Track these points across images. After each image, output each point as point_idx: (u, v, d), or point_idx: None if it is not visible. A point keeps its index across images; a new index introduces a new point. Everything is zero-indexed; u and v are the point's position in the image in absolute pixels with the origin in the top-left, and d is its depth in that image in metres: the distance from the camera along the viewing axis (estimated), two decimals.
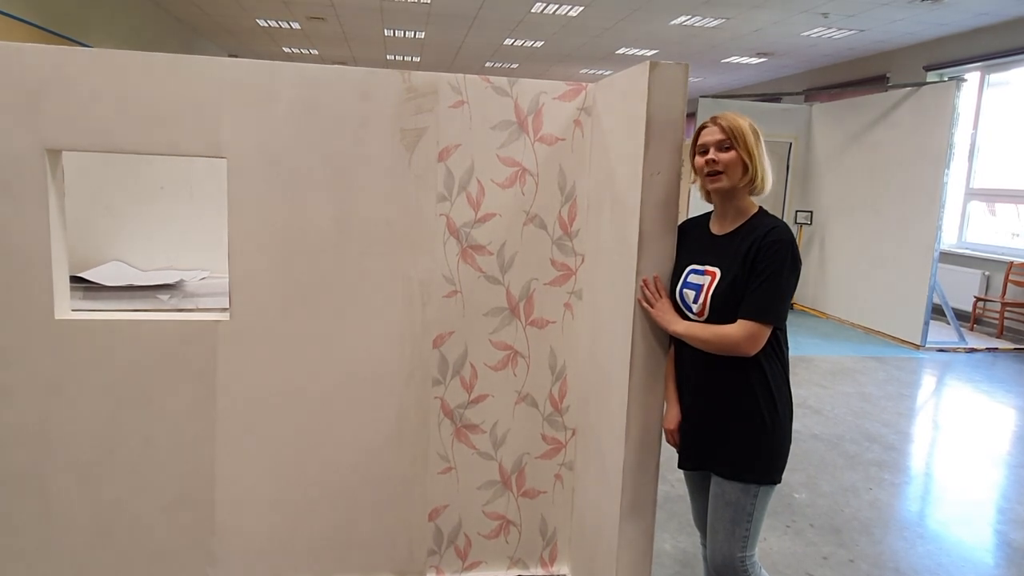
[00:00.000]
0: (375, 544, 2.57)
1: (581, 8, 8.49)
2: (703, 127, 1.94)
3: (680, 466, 2.10)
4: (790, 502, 3.48)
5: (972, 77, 8.50)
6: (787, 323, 1.92)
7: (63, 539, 2.37)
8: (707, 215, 2.06)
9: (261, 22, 10.25)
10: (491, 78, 2.40)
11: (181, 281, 4.09)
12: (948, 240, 8.15)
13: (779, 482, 1.96)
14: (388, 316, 2.45)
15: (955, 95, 6.74)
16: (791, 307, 8.64)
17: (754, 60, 11.40)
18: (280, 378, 2.42)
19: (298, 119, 2.31)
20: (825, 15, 8.24)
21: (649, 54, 11.29)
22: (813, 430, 4.51)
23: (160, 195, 4.42)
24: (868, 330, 7.71)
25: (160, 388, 2.35)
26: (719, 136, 1.90)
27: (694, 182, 2.01)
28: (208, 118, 2.25)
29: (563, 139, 2.48)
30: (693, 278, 1.96)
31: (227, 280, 4.34)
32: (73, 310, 2.37)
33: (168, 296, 3.95)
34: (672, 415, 2.09)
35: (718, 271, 1.91)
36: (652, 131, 1.98)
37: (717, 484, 1.97)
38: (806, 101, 10.72)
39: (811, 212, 8.71)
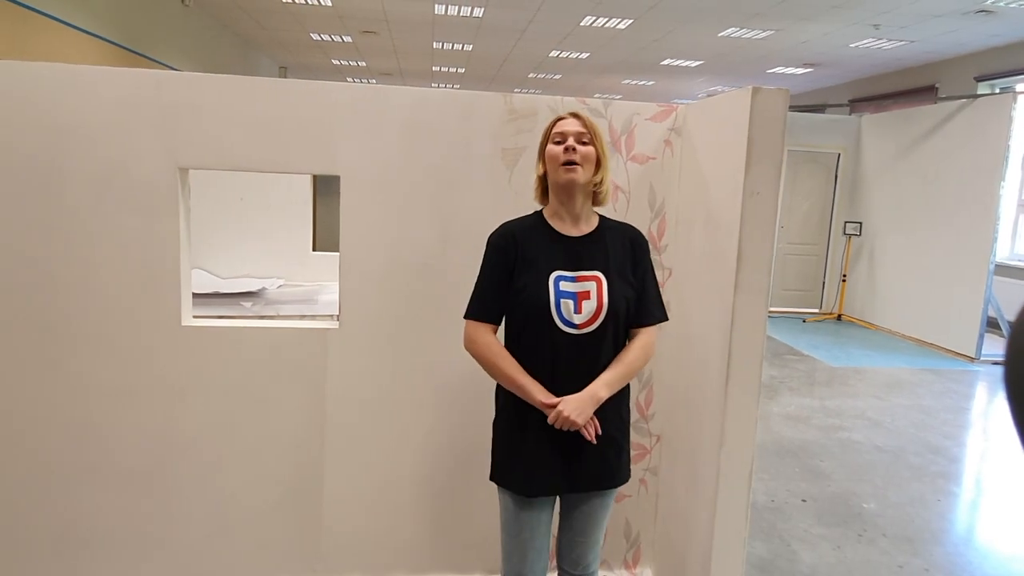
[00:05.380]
0: (469, 544, 2.69)
1: (631, 21, 8.60)
2: (560, 118, 1.89)
3: (554, 492, 1.93)
4: (860, 512, 3.54)
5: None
6: (835, 334, 1.94)
7: (182, 532, 2.53)
8: (532, 219, 1.94)
9: (315, 36, 10.53)
10: (587, 100, 2.52)
11: (263, 289, 4.27)
12: (1000, 252, 8.08)
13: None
14: None
15: (1012, 107, 6.72)
16: (839, 318, 8.68)
17: (799, 71, 11.40)
18: (384, 384, 2.55)
19: (407, 138, 2.45)
20: (876, 26, 8.25)
21: (694, 65, 11.35)
22: (875, 441, 4.54)
23: (239, 206, 4.61)
24: (920, 342, 7.68)
25: (273, 392, 2.51)
26: (579, 128, 1.84)
27: (542, 173, 1.91)
28: (325, 138, 2.41)
29: (654, 158, 2.59)
30: (566, 286, 1.83)
31: (302, 288, 4.52)
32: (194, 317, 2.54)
33: (251, 303, 4.13)
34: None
35: (601, 276, 1.84)
36: (753, 152, 2.09)
37: (594, 498, 1.94)
38: (851, 111, 10.69)
39: (860, 223, 8.68)
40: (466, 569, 2.70)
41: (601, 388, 1.82)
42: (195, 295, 4.11)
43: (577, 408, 1.77)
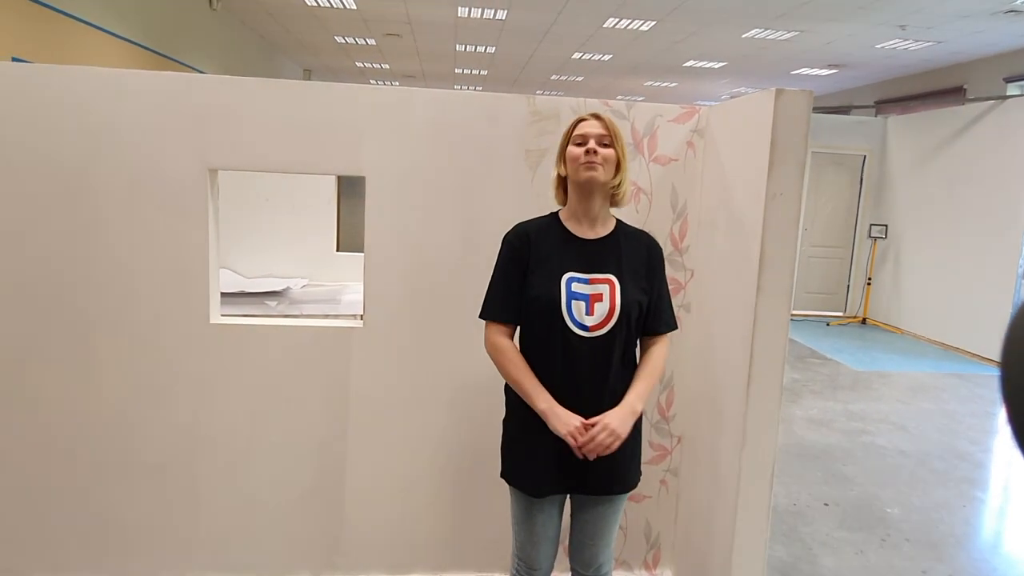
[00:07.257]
0: (488, 542, 2.71)
1: (654, 23, 8.58)
2: (581, 119, 1.88)
3: (571, 491, 1.95)
4: (883, 516, 3.51)
5: None
6: (860, 338, 1.93)
7: (207, 526, 2.57)
8: (547, 220, 1.94)
9: (339, 39, 10.63)
10: (610, 102, 2.53)
11: (287, 288, 4.32)
12: None
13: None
14: None
15: None
16: (863, 321, 8.60)
17: (824, 72, 11.30)
18: (407, 383, 2.58)
19: (431, 140, 2.48)
20: (902, 27, 8.16)
21: (717, 66, 11.30)
22: (900, 446, 4.50)
23: (264, 207, 4.68)
24: (946, 346, 7.58)
25: (298, 389, 2.54)
26: (601, 130, 1.84)
27: (565, 174, 1.89)
28: (351, 140, 2.44)
29: (676, 160, 2.60)
30: (578, 287, 1.82)
31: (325, 288, 4.56)
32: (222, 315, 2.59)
33: (275, 303, 4.19)
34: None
35: (615, 279, 1.84)
36: (776, 154, 2.09)
37: (605, 502, 1.94)
38: (877, 113, 10.58)
39: (885, 226, 8.60)
40: (486, 567, 2.72)
41: (637, 401, 1.84)
42: (221, 294, 4.18)
43: (621, 422, 1.78)
